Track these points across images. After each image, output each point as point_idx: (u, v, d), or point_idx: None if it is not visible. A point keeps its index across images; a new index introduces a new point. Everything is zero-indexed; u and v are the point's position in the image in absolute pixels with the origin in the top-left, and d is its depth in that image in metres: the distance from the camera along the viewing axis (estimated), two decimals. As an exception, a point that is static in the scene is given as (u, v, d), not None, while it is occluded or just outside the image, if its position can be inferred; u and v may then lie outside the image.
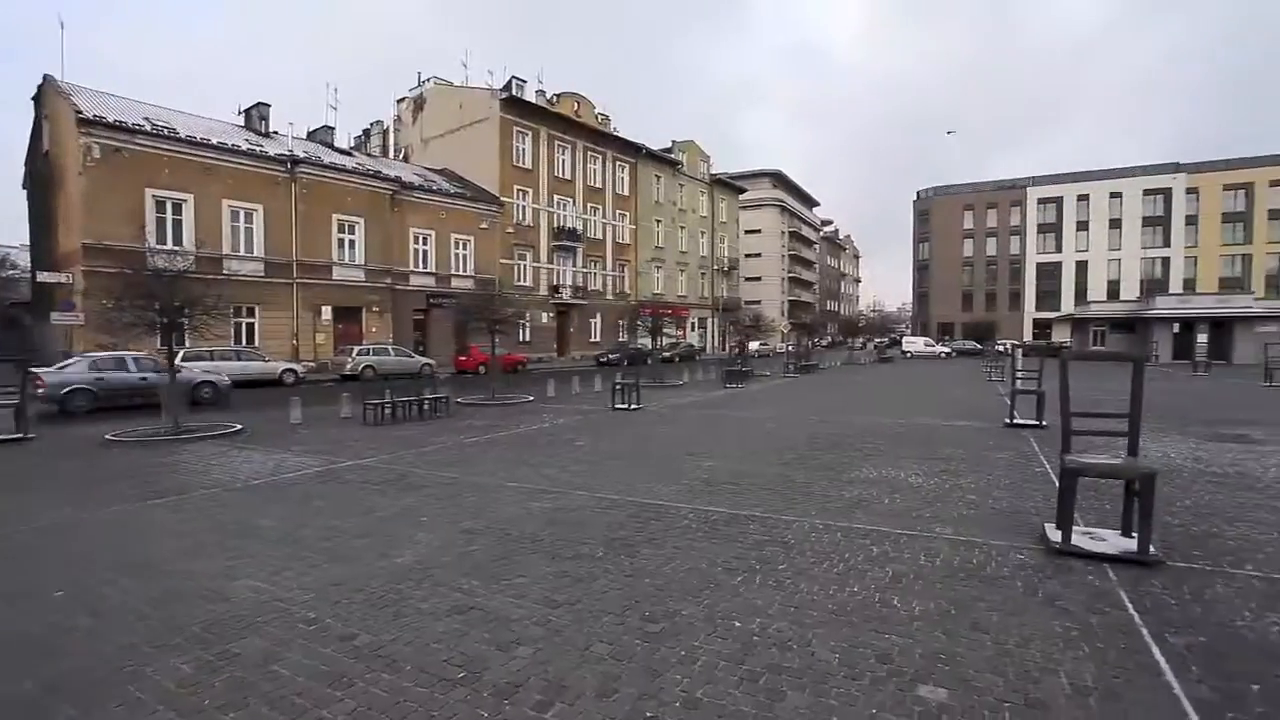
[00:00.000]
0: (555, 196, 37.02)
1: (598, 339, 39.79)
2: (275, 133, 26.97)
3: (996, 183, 66.41)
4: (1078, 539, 4.23)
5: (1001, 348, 30.36)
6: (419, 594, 3.68)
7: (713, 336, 53.04)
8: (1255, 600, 3.46)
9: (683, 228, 49.82)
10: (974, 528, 4.81)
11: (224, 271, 21.05)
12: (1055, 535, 4.29)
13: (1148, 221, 58.76)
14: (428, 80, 38.07)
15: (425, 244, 29.20)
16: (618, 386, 13.83)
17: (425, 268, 29.22)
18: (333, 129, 30.58)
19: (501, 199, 32.90)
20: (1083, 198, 60.93)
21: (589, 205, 39.75)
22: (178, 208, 21.11)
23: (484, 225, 31.56)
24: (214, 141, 22.31)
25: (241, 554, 4.44)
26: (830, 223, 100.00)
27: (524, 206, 34.84)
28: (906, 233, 73.19)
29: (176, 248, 18.13)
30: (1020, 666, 2.80)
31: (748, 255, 64.19)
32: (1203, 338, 33.87)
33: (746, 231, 64.27)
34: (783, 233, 72.15)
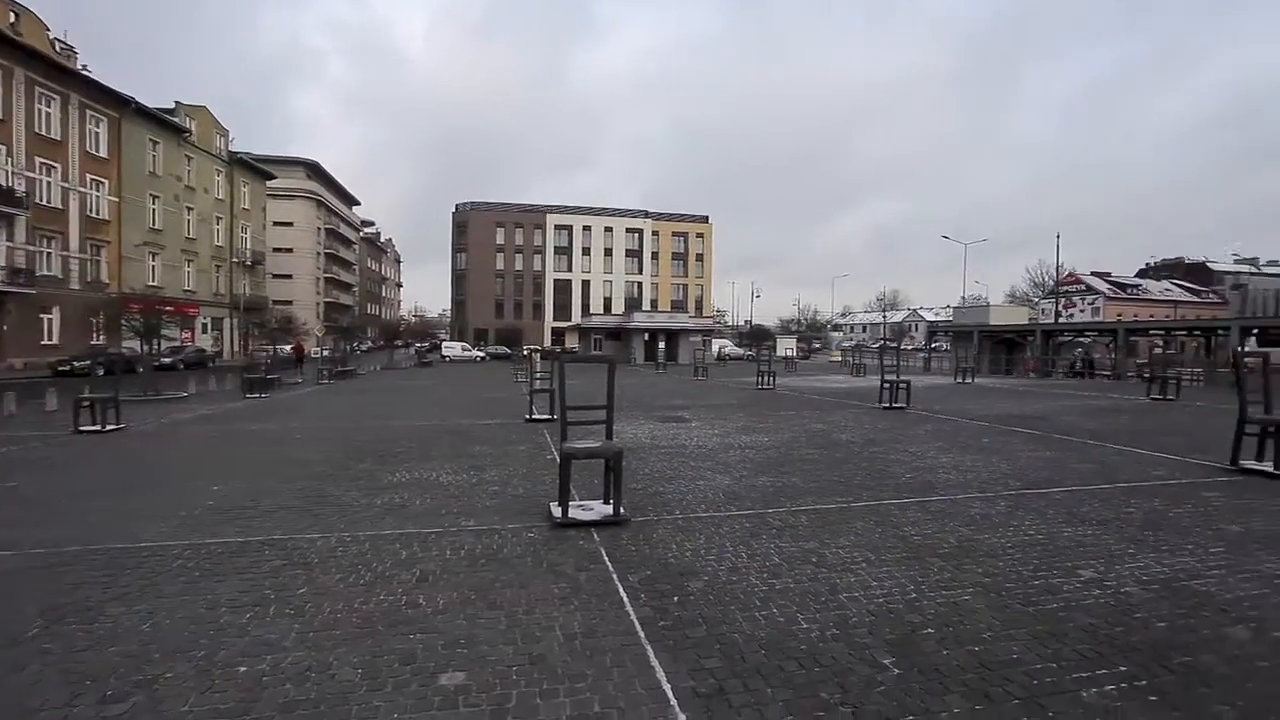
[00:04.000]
0: (-32, 139, 25.96)
1: (54, 340, 29.52)
2: None
3: (523, 205, 74.61)
4: (574, 512, 5.10)
5: (525, 352, 34.43)
6: None
7: (231, 339, 45.24)
8: (678, 535, 4.77)
9: (191, 208, 41.14)
10: (495, 516, 5.31)
11: None
12: (557, 511, 5.07)
13: (629, 253, 74.76)
14: None
15: None
16: (85, 402, 10.54)
17: None
18: None
19: None
20: (587, 228, 73.67)
21: (40, 161, 29.14)
22: None
23: None
24: None
25: None
26: (372, 223, 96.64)
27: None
28: (448, 241, 75.90)
29: None
30: (526, 631, 3.21)
31: (277, 250, 57.09)
32: (662, 344, 44.84)
33: (276, 223, 57.08)
34: (319, 229, 66.49)
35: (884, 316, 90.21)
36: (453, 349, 54.48)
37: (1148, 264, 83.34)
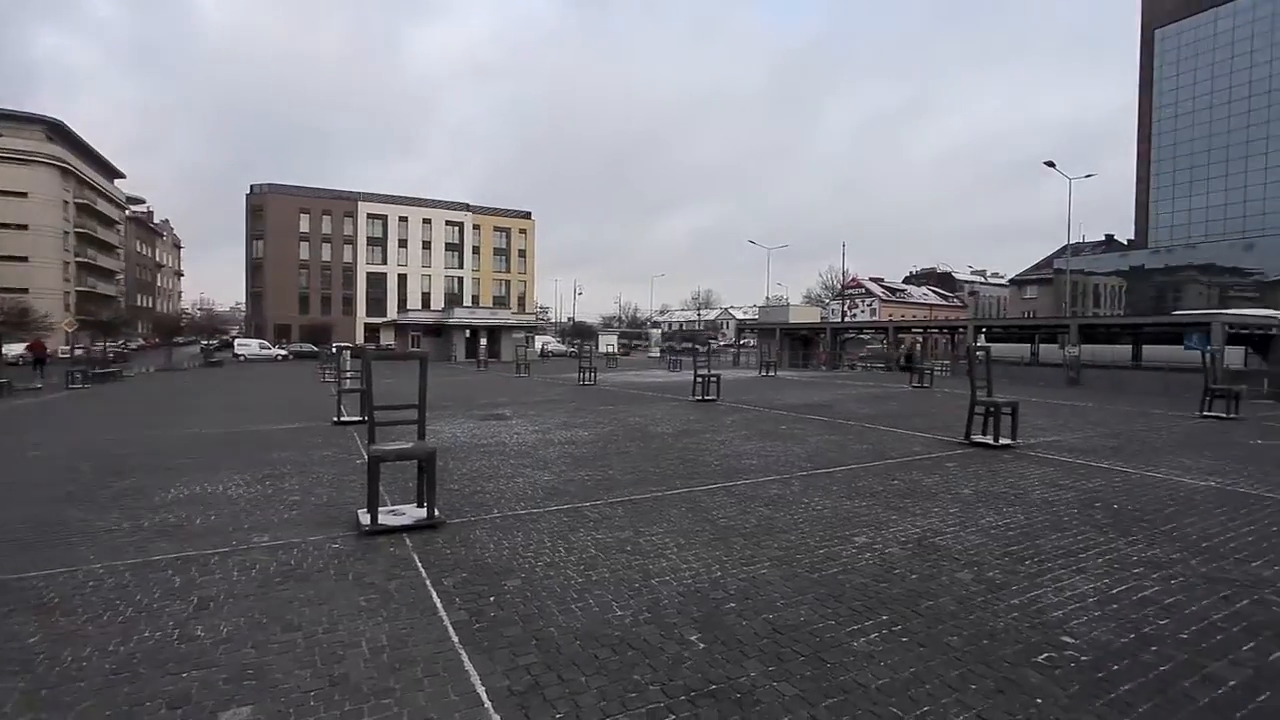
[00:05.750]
0: None
1: None
2: None
3: (332, 191, 68.36)
4: (384, 518, 4.81)
5: (334, 350, 31.78)
6: None
7: (-74, 336, 36.11)
8: (495, 535, 4.70)
9: None
10: (294, 529, 4.84)
11: None
12: (366, 519, 4.75)
13: (449, 247, 71.87)
14: None
15: None
16: None
17: None
18: None
19: None
20: (403, 219, 69.48)
21: None
22: None
23: None
24: None
25: None
26: (142, 201, 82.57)
27: None
28: (243, 226, 67.15)
29: None
30: (327, 651, 2.97)
31: (4, 226, 46.67)
32: (484, 341, 43.67)
33: (2, 193, 46.57)
34: (67, 204, 55.52)
35: (699, 315, 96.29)
36: (248, 346, 48.51)
37: (911, 272, 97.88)
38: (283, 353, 50.26)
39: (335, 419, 10.99)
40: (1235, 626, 3.24)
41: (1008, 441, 8.44)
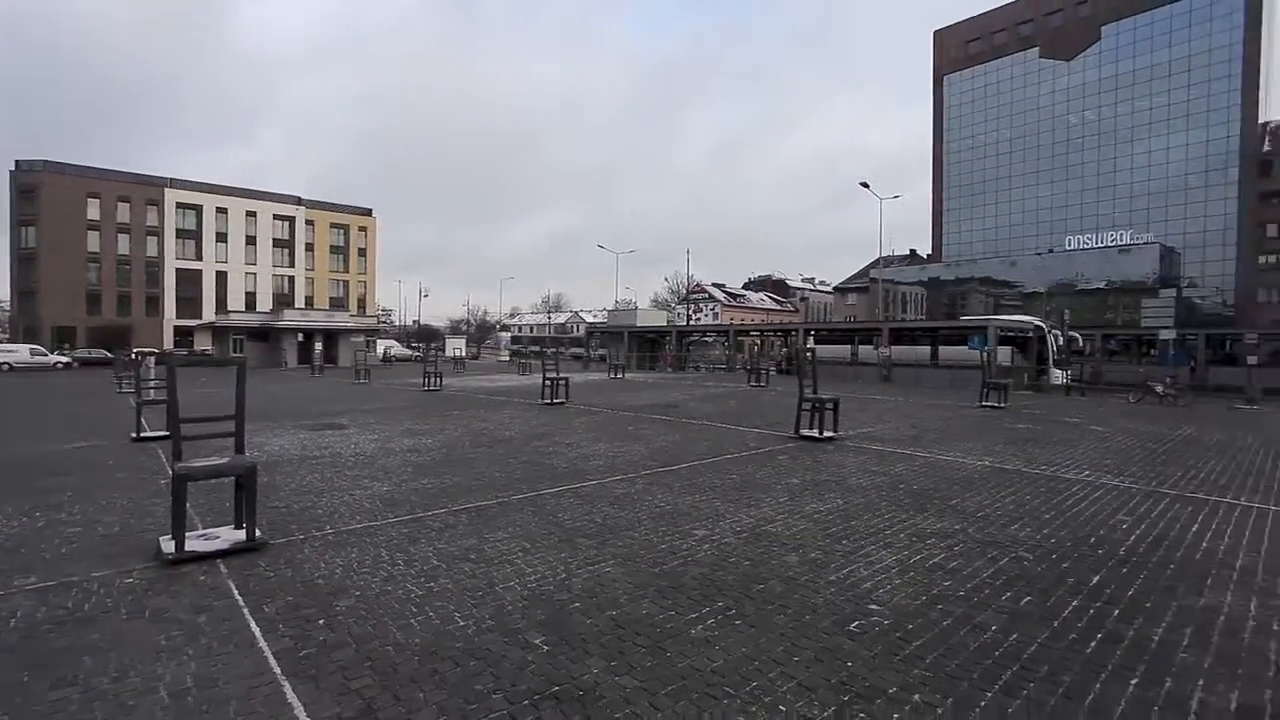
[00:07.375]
0: None
1: None
2: None
3: (130, 174, 59.46)
4: (193, 544, 4.28)
5: (134, 356, 27.57)
6: None
7: None
8: (327, 553, 4.37)
9: None
10: (73, 565, 4.15)
11: None
12: (169, 546, 4.20)
13: (278, 243, 65.56)
14: None
15: None
16: None
17: None
18: None
19: None
20: (222, 210, 62.27)
21: None
22: None
23: None
24: None
25: None
26: None
27: None
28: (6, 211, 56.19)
29: None
30: (114, 704, 2.59)
31: None
32: (319, 346, 40.23)
33: None
34: None
35: (549, 318, 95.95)
36: (15, 353, 40.72)
37: (749, 279, 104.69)
38: (65, 360, 42.91)
39: (134, 435, 9.59)
40: (998, 581, 3.85)
41: (831, 434, 9.32)
